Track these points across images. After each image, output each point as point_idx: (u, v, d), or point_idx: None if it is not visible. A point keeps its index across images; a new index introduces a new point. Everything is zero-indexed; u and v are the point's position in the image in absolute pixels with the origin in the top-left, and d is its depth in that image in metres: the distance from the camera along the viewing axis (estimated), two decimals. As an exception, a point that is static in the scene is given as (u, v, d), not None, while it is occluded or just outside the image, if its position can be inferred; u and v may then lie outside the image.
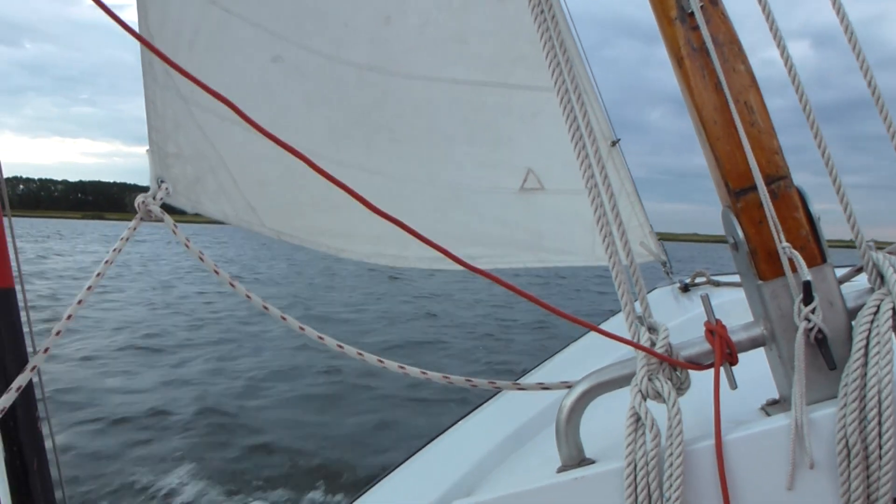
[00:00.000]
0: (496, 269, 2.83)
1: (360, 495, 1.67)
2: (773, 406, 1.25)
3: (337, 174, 2.45)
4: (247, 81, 2.19)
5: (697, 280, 3.41)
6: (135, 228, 1.57)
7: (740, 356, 1.17)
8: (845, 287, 1.20)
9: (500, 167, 2.82)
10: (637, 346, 1.13)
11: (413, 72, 2.63)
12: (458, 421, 1.96)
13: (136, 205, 1.62)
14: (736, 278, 1.97)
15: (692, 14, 1.20)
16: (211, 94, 1.25)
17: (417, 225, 2.61)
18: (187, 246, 1.55)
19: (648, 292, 3.65)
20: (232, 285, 1.52)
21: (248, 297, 1.54)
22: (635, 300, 1.22)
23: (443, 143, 2.70)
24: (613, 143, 3.39)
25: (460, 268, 2.60)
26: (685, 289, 3.40)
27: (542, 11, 1.22)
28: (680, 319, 2.76)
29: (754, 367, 1.23)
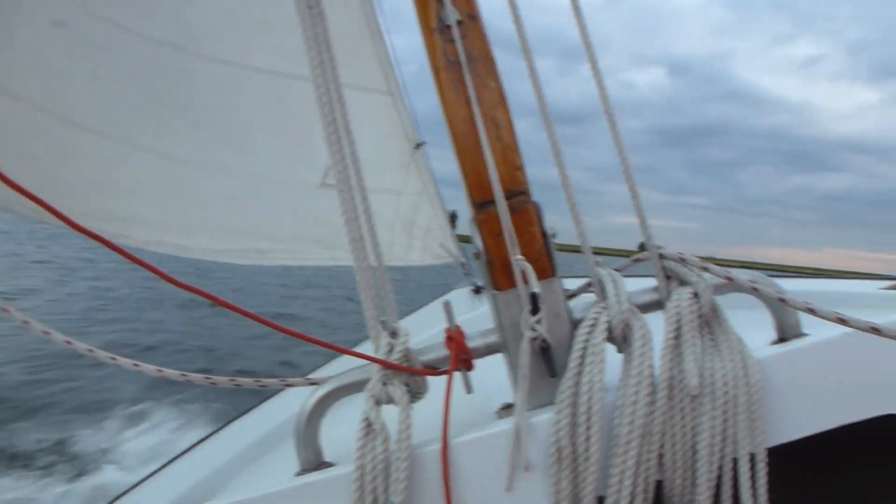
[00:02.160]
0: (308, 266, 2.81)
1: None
2: (506, 410, 1.30)
3: (124, 155, 2.31)
4: (17, 43, 1.98)
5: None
6: None
7: (497, 362, 1.21)
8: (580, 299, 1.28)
9: (302, 161, 2.79)
10: (368, 357, 1.13)
11: (216, 55, 2.54)
12: (229, 423, 1.89)
13: None
14: None
15: (450, 27, 1.21)
16: None
17: (209, 214, 2.54)
18: None
19: (447, 293, 3.81)
20: None
21: None
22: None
23: (243, 132, 2.62)
24: (417, 146, 3.50)
25: (251, 262, 2.58)
26: (477, 290, 3.52)
27: (303, 7, 1.19)
28: (467, 316, 2.90)
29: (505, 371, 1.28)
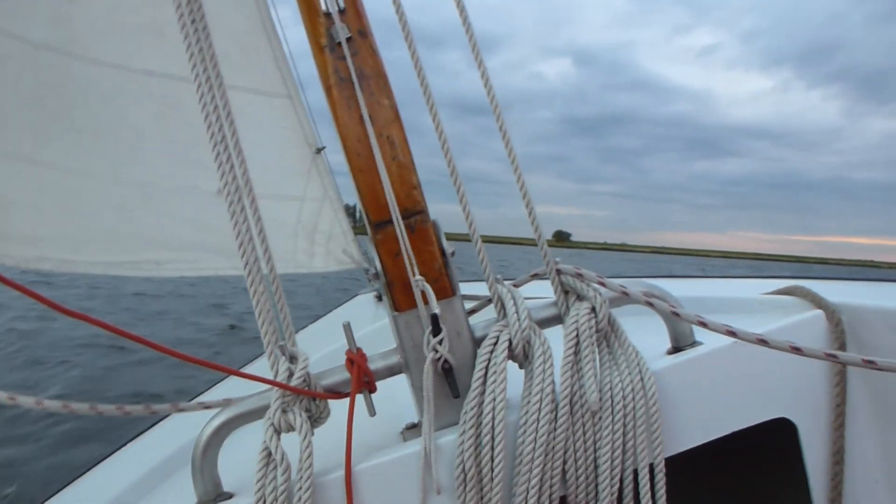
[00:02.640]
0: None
1: None
2: (411, 430, 1.28)
3: (-4, 165, 2.15)
4: None
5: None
6: None
7: (400, 378, 1.21)
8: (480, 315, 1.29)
9: (197, 167, 2.68)
10: (267, 381, 1.09)
11: (101, 57, 2.41)
12: (115, 451, 1.77)
13: None
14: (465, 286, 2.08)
15: (340, 44, 1.19)
16: None
17: (98, 225, 2.41)
18: None
19: (349, 299, 3.78)
20: None
21: None
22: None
23: (132, 138, 2.50)
24: (318, 151, 3.44)
25: (148, 274, 2.46)
26: (380, 297, 3.50)
27: (184, 7, 1.14)
28: (373, 326, 2.89)
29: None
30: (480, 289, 1.40)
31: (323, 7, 1.20)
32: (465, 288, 1.85)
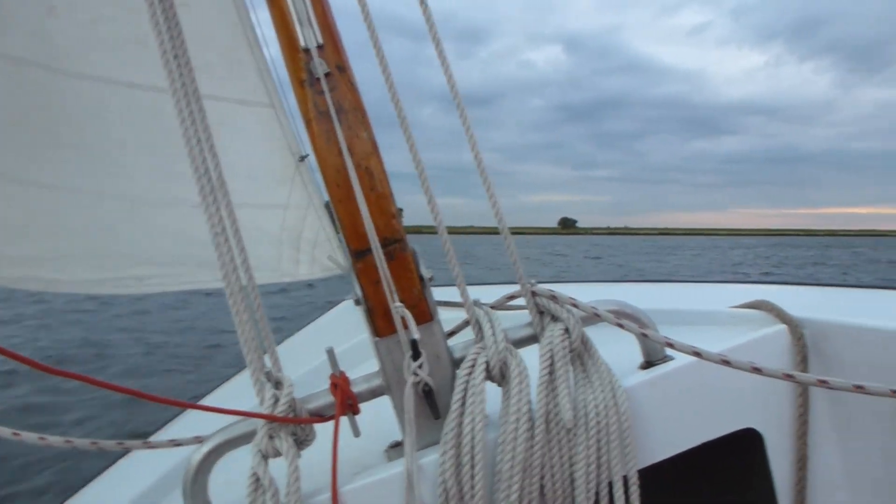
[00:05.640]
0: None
1: None
2: (395, 449, 1.33)
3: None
4: None
5: None
6: None
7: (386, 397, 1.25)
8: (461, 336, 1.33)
9: (181, 179, 2.66)
10: (257, 415, 1.12)
11: (84, 71, 2.40)
12: (80, 489, 1.72)
13: None
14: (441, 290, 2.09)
15: (319, 79, 1.22)
16: None
17: (83, 243, 2.40)
18: None
19: (336, 305, 3.76)
20: None
21: None
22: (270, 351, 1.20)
23: (116, 152, 2.49)
24: (301, 159, 3.44)
25: (131, 291, 2.45)
26: (358, 302, 3.51)
27: (159, 16, 1.15)
28: (357, 339, 2.88)
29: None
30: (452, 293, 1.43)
31: (302, 43, 1.23)
32: (441, 293, 1.86)
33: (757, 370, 1.14)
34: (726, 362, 1.18)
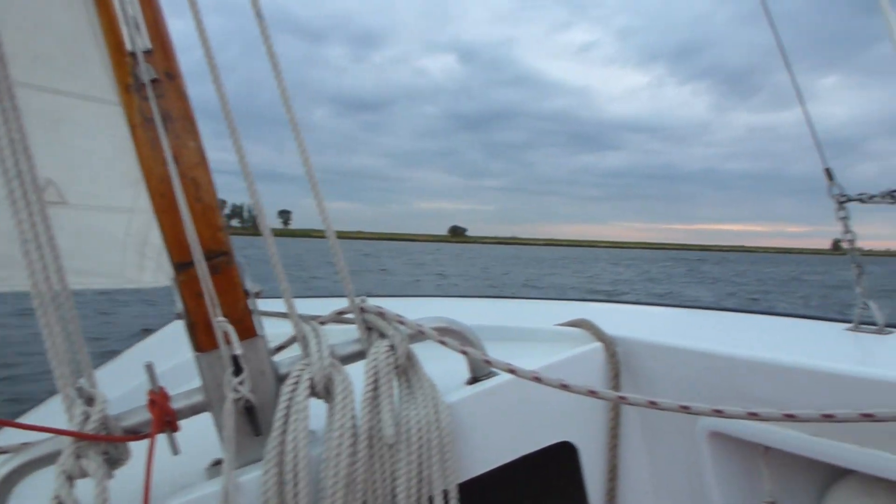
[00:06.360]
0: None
1: None
2: (216, 466, 1.27)
3: None
4: None
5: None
6: None
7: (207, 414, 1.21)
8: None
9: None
10: (59, 431, 1.05)
11: None
12: None
13: None
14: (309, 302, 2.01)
15: (145, 85, 1.17)
16: None
17: None
18: None
19: (164, 325, 3.53)
20: None
21: None
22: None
23: None
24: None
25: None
26: (180, 316, 3.30)
27: None
28: (186, 357, 2.72)
29: None
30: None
31: (128, 46, 1.17)
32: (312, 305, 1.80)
33: (565, 386, 1.19)
34: (538, 379, 1.23)
